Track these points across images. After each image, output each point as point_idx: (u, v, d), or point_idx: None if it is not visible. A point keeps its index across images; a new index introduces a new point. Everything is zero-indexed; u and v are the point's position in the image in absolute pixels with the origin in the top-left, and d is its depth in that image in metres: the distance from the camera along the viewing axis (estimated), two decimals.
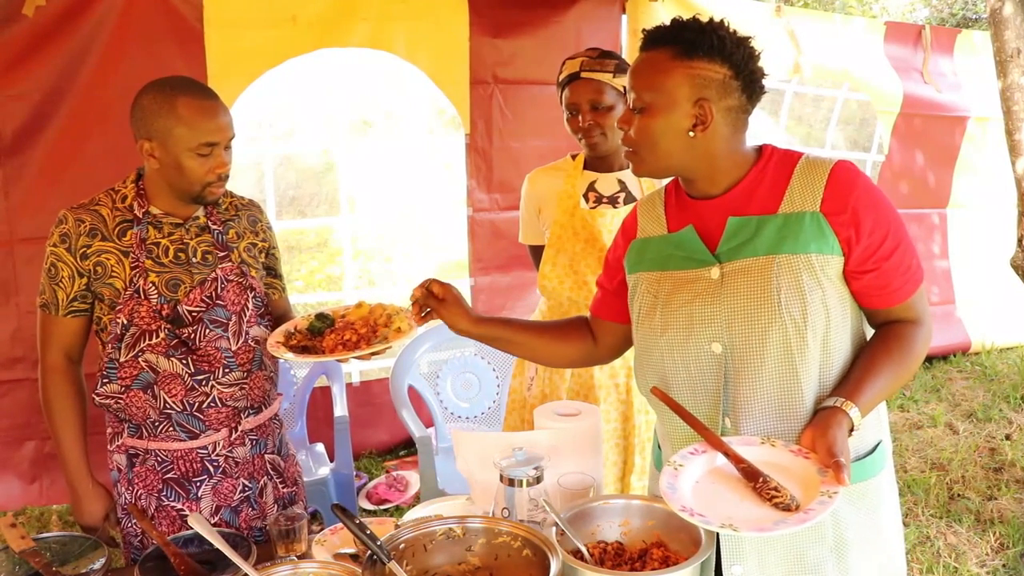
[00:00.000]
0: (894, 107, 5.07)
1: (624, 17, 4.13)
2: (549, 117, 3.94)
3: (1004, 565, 3.14)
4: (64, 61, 3.20)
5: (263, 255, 1.95)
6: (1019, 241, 3.51)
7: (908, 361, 1.43)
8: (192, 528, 1.52)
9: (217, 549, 1.44)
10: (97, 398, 1.80)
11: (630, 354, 2.35)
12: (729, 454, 1.38)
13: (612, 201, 2.40)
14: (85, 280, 1.77)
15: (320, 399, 3.64)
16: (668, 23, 1.47)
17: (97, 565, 1.59)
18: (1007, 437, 4.33)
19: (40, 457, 3.44)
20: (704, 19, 1.48)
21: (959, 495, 3.71)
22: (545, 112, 3.96)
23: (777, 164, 1.46)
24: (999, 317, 5.51)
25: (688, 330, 1.48)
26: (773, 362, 1.42)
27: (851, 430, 1.34)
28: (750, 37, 1.46)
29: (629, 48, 4.10)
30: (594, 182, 2.41)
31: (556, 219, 2.40)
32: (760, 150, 1.49)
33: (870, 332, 1.51)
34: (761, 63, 1.45)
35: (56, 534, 1.70)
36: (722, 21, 1.45)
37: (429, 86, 3.91)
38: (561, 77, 2.37)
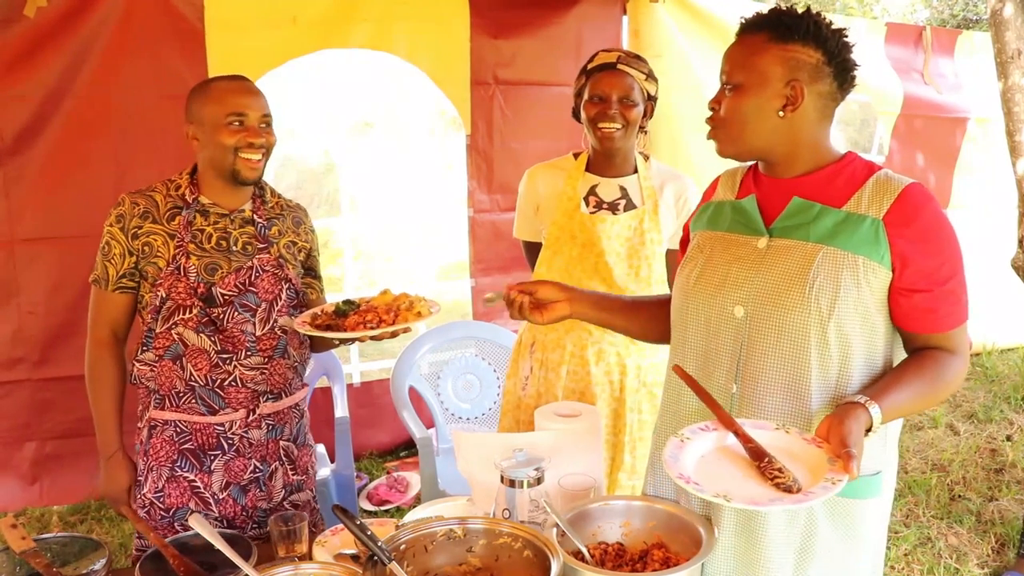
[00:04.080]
0: (895, 108, 5.07)
1: (625, 19, 4.13)
2: (550, 118, 3.95)
3: (1004, 566, 3.14)
4: (65, 62, 3.20)
5: (302, 254, 2.03)
6: (1019, 242, 3.50)
7: (938, 385, 1.42)
8: (192, 529, 1.52)
9: (217, 550, 1.44)
10: (137, 365, 1.90)
11: (624, 351, 2.38)
12: (739, 433, 1.39)
13: (612, 207, 2.38)
14: (134, 259, 1.88)
15: (321, 400, 3.64)
16: (766, 12, 1.49)
17: (97, 566, 1.59)
18: (1008, 438, 4.33)
19: (41, 458, 3.44)
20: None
21: (960, 496, 3.71)
22: (546, 113, 3.97)
23: (855, 168, 1.49)
24: (1000, 318, 5.50)
25: (718, 287, 1.52)
26: (789, 343, 1.43)
27: (868, 429, 1.34)
28: (845, 28, 1.49)
29: (630, 49, 4.10)
30: (595, 186, 2.39)
31: (555, 220, 2.39)
32: (844, 155, 1.52)
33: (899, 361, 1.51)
34: (853, 55, 1.48)
35: (57, 535, 1.71)
36: (819, 12, 1.48)
37: (430, 87, 3.91)
38: (590, 66, 2.34)
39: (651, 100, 2.37)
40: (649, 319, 1.76)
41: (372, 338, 1.77)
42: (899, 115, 5.09)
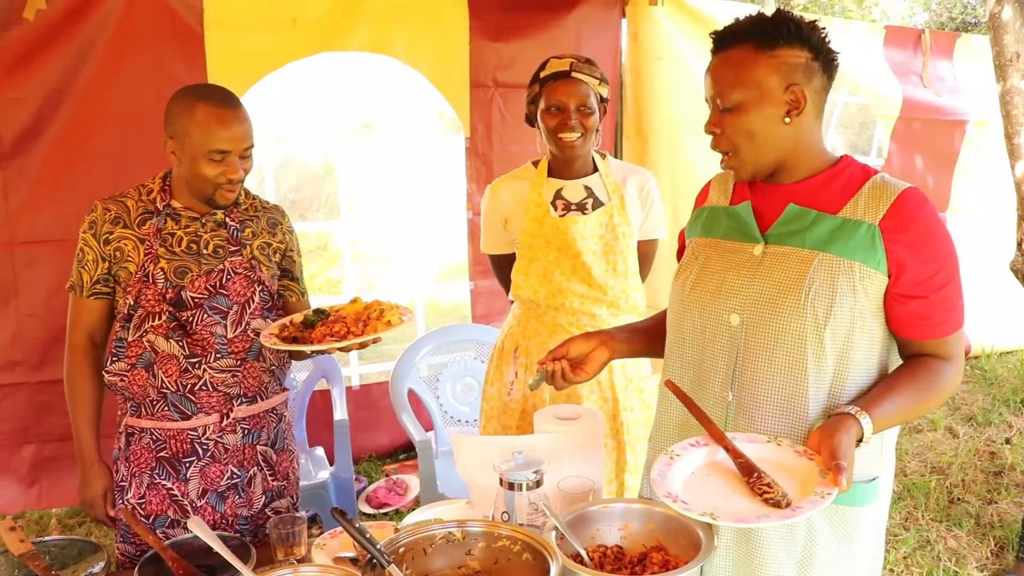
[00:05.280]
0: (894, 111, 5.07)
1: (624, 21, 4.13)
2: None
3: (1003, 569, 3.14)
4: (65, 64, 3.20)
5: (278, 255, 2.01)
6: (1018, 245, 3.51)
7: (931, 392, 1.43)
8: (191, 531, 1.52)
9: (215, 553, 1.44)
10: (107, 375, 1.89)
11: None
12: (729, 448, 1.39)
13: (581, 208, 2.39)
14: (107, 264, 1.88)
15: (320, 403, 3.63)
16: (737, 22, 1.47)
17: (96, 569, 1.59)
18: (1007, 441, 4.33)
19: (39, 461, 3.43)
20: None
21: (959, 499, 3.71)
22: None
23: (852, 173, 1.48)
24: (999, 321, 5.51)
25: (714, 295, 1.51)
26: (785, 350, 1.43)
27: (859, 440, 1.34)
28: (817, 20, 1.48)
29: (629, 52, 4.10)
30: (560, 189, 2.41)
31: (525, 228, 2.39)
32: (840, 158, 1.51)
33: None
34: (831, 42, 1.47)
35: (55, 538, 1.71)
36: (789, 11, 1.47)
37: (429, 89, 3.91)
38: (544, 73, 2.33)
39: (603, 102, 2.37)
40: None
41: (340, 350, 1.75)
42: (898, 118, 5.09)
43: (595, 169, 2.43)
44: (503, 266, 2.52)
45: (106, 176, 3.26)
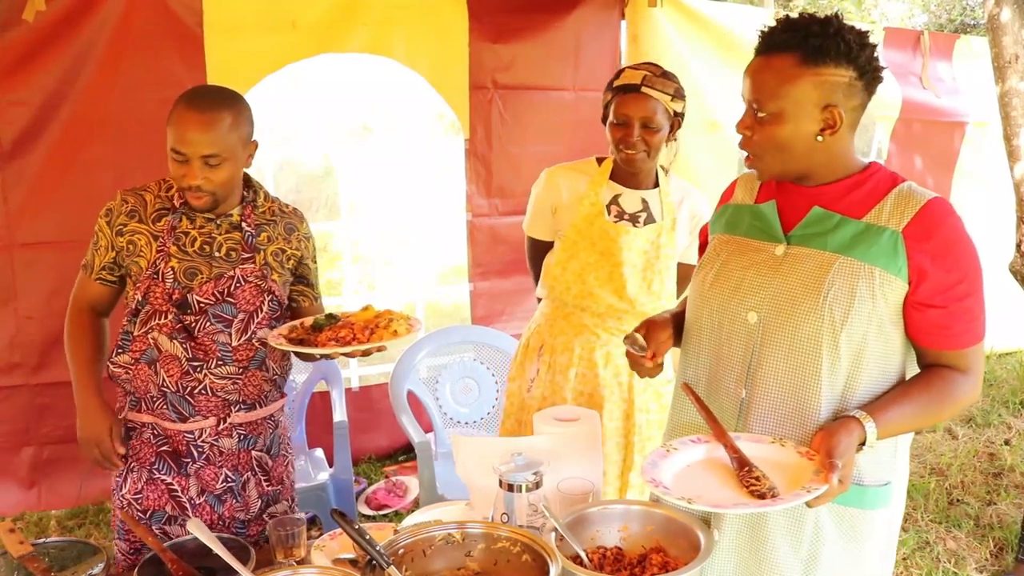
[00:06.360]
0: (893, 112, 5.07)
1: (623, 23, 4.13)
2: (549, 122, 3.95)
3: (1002, 570, 3.14)
4: (64, 66, 3.20)
5: (292, 262, 1.98)
6: (1017, 246, 3.51)
7: (943, 403, 1.43)
8: (191, 533, 1.52)
9: (215, 554, 1.44)
10: (111, 367, 1.89)
11: None
12: (728, 445, 1.40)
13: (633, 219, 2.37)
14: (115, 254, 1.89)
15: (319, 404, 3.63)
16: (785, 23, 1.42)
17: (96, 570, 1.59)
18: (1006, 442, 4.33)
19: (39, 463, 3.43)
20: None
21: (958, 500, 3.71)
22: (545, 117, 3.97)
23: (879, 180, 1.47)
24: (998, 322, 5.47)
25: (733, 291, 1.51)
26: (800, 350, 1.43)
27: (862, 444, 1.35)
28: (869, 32, 1.44)
29: (628, 54, 4.10)
30: (618, 196, 2.38)
31: (574, 223, 2.37)
32: (868, 164, 1.50)
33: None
34: (879, 58, 1.43)
35: (55, 540, 1.71)
36: (841, 20, 1.42)
37: (429, 91, 3.91)
38: (616, 83, 2.30)
39: (678, 117, 2.33)
40: None
41: (345, 355, 1.76)
42: (897, 119, 5.09)
43: (656, 184, 2.41)
44: (540, 250, 2.50)
45: (106, 178, 3.27)
